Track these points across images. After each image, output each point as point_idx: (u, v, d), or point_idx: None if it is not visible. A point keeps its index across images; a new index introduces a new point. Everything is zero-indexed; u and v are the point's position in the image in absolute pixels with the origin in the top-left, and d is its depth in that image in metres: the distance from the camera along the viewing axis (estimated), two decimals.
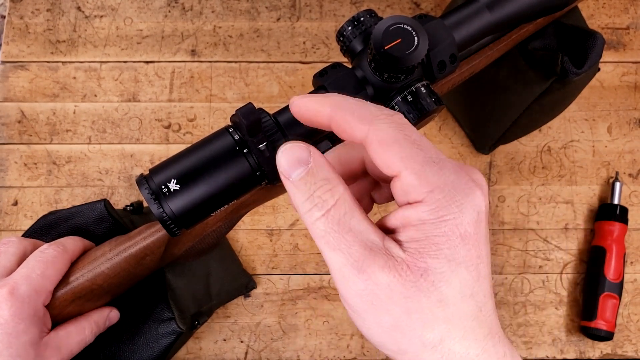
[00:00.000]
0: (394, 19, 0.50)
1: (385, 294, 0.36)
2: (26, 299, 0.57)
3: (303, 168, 0.38)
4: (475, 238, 0.36)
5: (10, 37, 0.93)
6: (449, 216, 0.35)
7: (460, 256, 0.35)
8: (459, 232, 0.35)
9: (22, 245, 0.63)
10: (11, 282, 0.58)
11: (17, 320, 0.56)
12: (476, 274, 0.36)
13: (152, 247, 0.62)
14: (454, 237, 0.35)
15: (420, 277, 0.35)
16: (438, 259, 0.35)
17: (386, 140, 0.37)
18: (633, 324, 0.87)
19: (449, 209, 0.35)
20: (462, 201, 0.36)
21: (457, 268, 0.35)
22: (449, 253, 0.35)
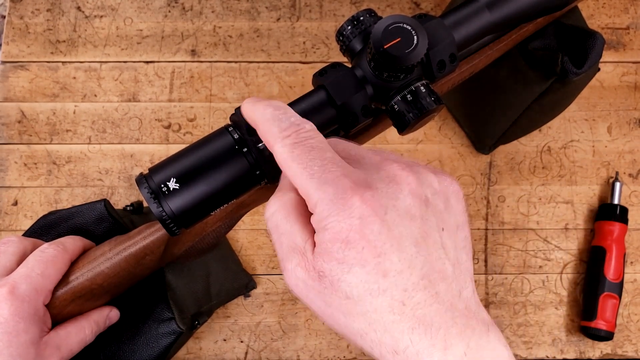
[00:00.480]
0: (394, 18, 0.50)
1: (304, 287, 0.42)
2: (26, 298, 0.57)
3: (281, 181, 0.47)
4: (365, 240, 0.39)
5: (10, 37, 0.94)
6: (328, 225, 0.40)
7: (350, 258, 0.39)
8: (341, 237, 0.39)
9: (22, 244, 0.63)
10: (11, 281, 0.58)
11: (17, 319, 0.56)
12: (380, 271, 0.39)
13: (152, 247, 0.62)
14: (338, 242, 0.39)
15: (320, 278, 0.40)
16: (329, 262, 0.40)
17: (280, 161, 0.43)
18: (633, 324, 0.87)
19: (328, 220, 0.40)
20: (340, 211, 0.40)
21: (351, 268, 0.39)
22: (337, 256, 0.39)
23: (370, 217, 0.39)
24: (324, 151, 0.42)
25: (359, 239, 0.39)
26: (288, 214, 0.44)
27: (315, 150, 0.42)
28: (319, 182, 0.41)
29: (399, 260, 0.39)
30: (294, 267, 0.42)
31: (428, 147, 0.91)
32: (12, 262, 0.61)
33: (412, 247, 0.40)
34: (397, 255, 0.39)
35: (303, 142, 0.43)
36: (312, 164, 0.41)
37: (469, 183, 0.90)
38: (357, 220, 0.39)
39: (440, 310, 0.39)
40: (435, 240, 0.41)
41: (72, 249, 0.64)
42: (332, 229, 0.40)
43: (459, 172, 0.90)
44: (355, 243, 0.39)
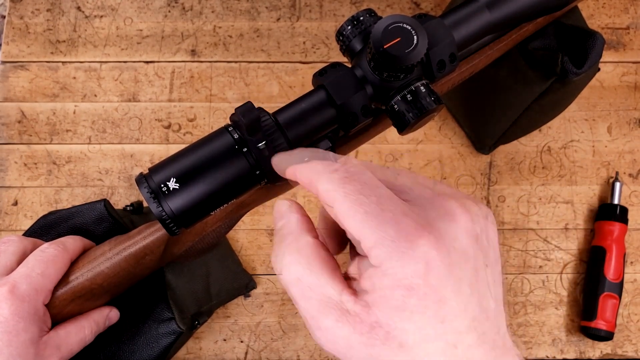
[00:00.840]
0: (393, 18, 0.50)
1: (344, 345, 0.37)
2: (26, 298, 0.57)
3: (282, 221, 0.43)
4: (428, 285, 0.36)
5: (10, 37, 0.94)
6: (390, 270, 0.36)
7: (411, 305, 0.36)
8: (404, 284, 0.36)
9: (22, 244, 0.63)
10: (11, 280, 0.58)
11: (17, 319, 0.56)
12: (438, 316, 0.36)
13: (152, 247, 0.62)
14: (399, 289, 0.36)
15: (373, 329, 0.36)
16: (386, 311, 0.36)
17: (327, 200, 0.39)
18: (633, 324, 0.87)
19: (390, 263, 0.36)
20: (403, 254, 0.36)
21: (410, 316, 0.36)
22: (397, 304, 0.36)
23: (435, 262, 0.36)
24: (377, 187, 0.39)
25: (422, 285, 0.36)
26: (309, 262, 0.40)
27: (368, 186, 0.39)
28: (377, 221, 0.37)
29: (456, 304, 0.37)
30: (333, 324, 0.38)
31: (428, 147, 0.91)
32: (12, 262, 0.61)
33: (467, 288, 0.37)
34: (455, 299, 0.37)
35: (354, 177, 0.39)
36: (368, 201, 0.38)
37: (469, 183, 0.90)
38: (422, 265, 0.36)
39: (486, 350, 0.37)
40: (483, 279, 0.39)
41: (72, 249, 0.64)
42: (394, 275, 0.36)
43: (459, 172, 0.90)
44: (418, 289, 0.36)
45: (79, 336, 0.63)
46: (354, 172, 0.39)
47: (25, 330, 0.57)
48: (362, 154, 0.90)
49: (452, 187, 0.43)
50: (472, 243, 0.39)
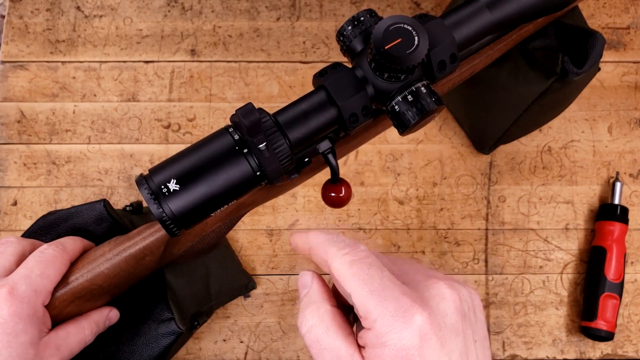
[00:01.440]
0: (394, 18, 0.50)
1: None
2: (25, 299, 0.57)
3: (305, 290, 0.48)
4: (422, 357, 0.41)
5: (10, 37, 0.93)
6: (389, 342, 0.41)
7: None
8: (402, 354, 0.41)
9: (20, 245, 0.63)
10: (10, 282, 0.58)
11: (17, 320, 0.56)
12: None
13: (152, 247, 0.62)
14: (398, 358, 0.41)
15: None
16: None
17: (338, 277, 0.44)
18: (633, 324, 0.87)
19: (389, 336, 0.41)
20: (402, 328, 0.41)
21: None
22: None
23: (429, 335, 0.41)
24: (380, 269, 0.44)
25: (417, 356, 0.40)
26: (328, 327, 0.45)
27: (372, 268, 0.44)
28: (379, 298, 0.42)
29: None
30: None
31: (428, 147, 0.91)
32: (11, 263, 0.61)
33: (458, 356, 0.42)
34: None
35: (361, 260, 0.45)
36: (372, 281, 0.43)
37: (469, 183, 0.90)
38: (417, 337, 0.41)
39: None
40: (472, 352, 0.43)
41: (71, 250, 0.64)
42: (393, 346, 0.41)
43: (459, 172, 0.90)
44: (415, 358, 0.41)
45: (79, 337, 0.63)
46: (361, 257, 0.45)
47: (25, 332, 0.57)
48: (362, 154, 0.90)
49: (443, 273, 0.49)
50: (460, 319, 0.44)
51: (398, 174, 0.90)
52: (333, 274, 0.45)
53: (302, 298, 0.48)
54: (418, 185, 0.90)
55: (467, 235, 0.89)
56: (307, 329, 0.46)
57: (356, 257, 0.45)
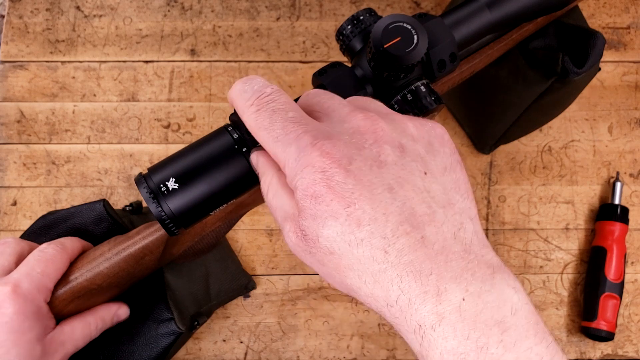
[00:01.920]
0: (394, 17, 0.50)
1: (300, 250, 0.42)
2: (29, 297, 0.57)
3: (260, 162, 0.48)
4: (332, 193, 0.39)
5: (10, 37, 0.93)
6: (297, 183, 0.40)
7: (322, 212, 0.39)
8: (309, 193, 0.39)
9: (19, 246, 0.63)
10: (13, 280, 0.58)
11: (22, 318, 0.57)
12: (352, 221, 0.38)
13: (151, 247, 0.62)
14: (308, 198, 0.39)
15: (305, 237, 0.41)
16: (306, 219, 0.40)
17: (251, 132, 0.44)
18: (634, 324, 0.87)
19: (295, 178, 0.40)
20: (303, 168, 0.40)
21: (323, 222, 0.39)
22: (311, 212, 0.39)
23: (332, 169, 0.39)
24: (285, 111, 0.42)
25: (325, 192, 0.39)
26: (276, 191, 0.44)
27: (277, 113, 0.42)
28: (283, 144, 0.41)
29: (371, 208, 0.38)
30: (287, 233, 0.42)
31: None
32: (11, 263, 0.61)
33: (386, 193, 0.39)
34: (368, 204, 0.39)
35: (264, 107, 0.43)
36: (275, 127, 0.42)
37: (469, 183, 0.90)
38: (319, 173, 0.39)
39: (429, 255, 0.38)
40: (415, 185, 0.40)
41: (71, 249, 0.64)
42: (300, 186, 0.40)
43: None
44: (323, 196, 0.39)
45: (85, 332, 0.63)
46: (266, 102, 0.43)
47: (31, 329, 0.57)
48: None
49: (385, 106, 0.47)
50: (389, 151, 0.41)
51: None
52: (248, 127, 0.44)
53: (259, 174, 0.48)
54: None
55: None
56: (267, 199, 0.46)
57: (260, 106, 0.43)
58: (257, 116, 0.43)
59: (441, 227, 0.39)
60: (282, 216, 0.43)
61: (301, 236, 0.41)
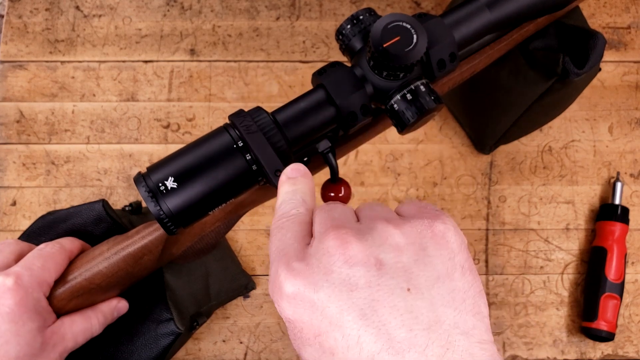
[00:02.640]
0: (393, 16, 0.50)
1: None
2: (29, 289, 0.58)
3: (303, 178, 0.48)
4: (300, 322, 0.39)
5: (9, 37, 0.93)
6: (277, 304, 0.41)
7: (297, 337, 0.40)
8: (284, 316, 0.41)
9: (18, 246, 0.64)
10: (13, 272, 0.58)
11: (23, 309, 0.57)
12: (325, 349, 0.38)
13: (150, 247, 0.62)
14: (286, 321, 0.41)
15: None
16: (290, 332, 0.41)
17: None
18: (634, 325, 0.86)
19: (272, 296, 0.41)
20: (274, 293, 0.41)
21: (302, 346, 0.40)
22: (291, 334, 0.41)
23: (299, 297, 0.39)
24: (284, 234, 0.43)
25: (296, 321, 0.39)
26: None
27: (281, 232, 0.43)
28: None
29: (342, 337, 0.37)
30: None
31: (428, 147, 0.91)
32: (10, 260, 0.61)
33: (358, 320, 0.37)
34: (340, 332, 0.37)
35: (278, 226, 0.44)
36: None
37: (469, 183, 0.90)
38: (287, 303, 0.39)
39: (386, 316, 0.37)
40: (394, 306, 0.37)
41: (69, 248, 0.64)
42: (278, 308, 0.40)
43: (460, 172, 0.90)
44: (294, 323, 0.39)
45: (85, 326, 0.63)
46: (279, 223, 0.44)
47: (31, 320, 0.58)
48: (362, 154, 0.90)
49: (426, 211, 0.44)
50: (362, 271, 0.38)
51: (398, 174, 0.90)
52: None
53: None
54: (418, 186, 0.90)
55: (468, 236, 0.88)
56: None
57: (277, 224, 0.44)
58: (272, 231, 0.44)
59: (424, 352, 0.36)
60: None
61: None
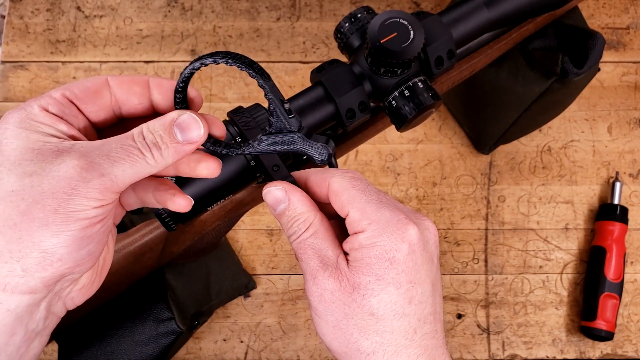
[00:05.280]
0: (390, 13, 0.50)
1: (329, 296, 0.44)
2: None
3: (283, 205, 0.46)
4: (406, 265, 0.43)
5: (10, 37, 0.94)
6: (380, 242, 0.43)
7: (389, 277, 0.43)
8: (388, 256, 0.43)
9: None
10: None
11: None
12: (407, 297, 0.43)
13: (151, 245, 0.62)
14: (383, 260, 0.43)
15: (354, 289, 0.43)
16: (369, 275, 0.43)
17: (338, 190, 0.45)
18: (633, 324, 0.87)
19: (380, 237, 0.43)
20: (393, 233, 0.43)
21: (386, 286, 0.43)
22: (378, 272, 0.43)
23: (417, 248, 0.44)
24: (376, 189, 0.46)
25: (402, 262, 0.43)
26: (317, 231, 0.46)
27: (371, 186, 0.46)
28: (377, 206, 0.44)
29: (422, 292, 0.44)
30: (325, 278, 0.44)
31: (428, 147, 0.91)
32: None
33: (430, 285, 0.45)
34: (421, 287, 0.44)
35: (360, 179, 0.46)
36: (370, 193, 0.45)
37: (469, 183, 0.90)
38: (406, 245, 0.43)
39: (437, 345, 0.45)
40: (438, 286, 0.46)
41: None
42: (382, 247, 0.43)
43: (459, 172, 0.90)
44: (397, 265, 0.43)
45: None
46: (358, 177, 0.46)
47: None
48: (362, 154, 0.90)
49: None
50: (435, 254, 0.46)
51: (398, 173, 0.90)
52: (332, 189, 0.46)
53: (282, 211, 0.47)
54: (418, 185, 0.90)
55: (467, 235, 0.89)
56: (297, 237, 0.46)
57: (356, 177, 0.46)
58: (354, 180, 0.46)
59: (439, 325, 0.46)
60: (320, 259, 0.45)
61: (347, 287, 0.44)
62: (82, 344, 0.72)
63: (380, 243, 0.43)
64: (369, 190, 0.45)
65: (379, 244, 0.43)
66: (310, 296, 0.45)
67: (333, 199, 0.46)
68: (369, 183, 0.47)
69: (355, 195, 0.45)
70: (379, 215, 0.44)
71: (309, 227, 0.46)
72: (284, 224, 0.47)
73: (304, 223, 0.46)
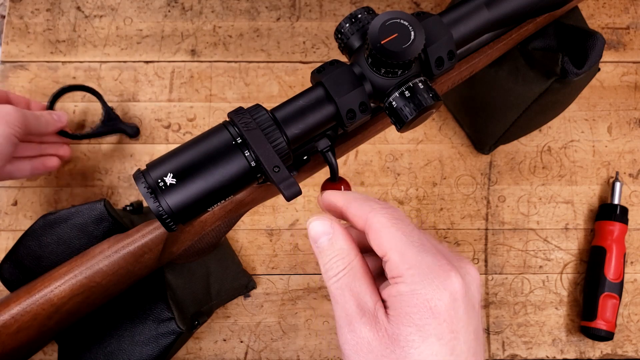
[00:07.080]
0: (390, 14, 0.50)
1: (366, 348, 0.43)
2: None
3: (326, 237, 0.47)
4: (448, 314, 0.41)
5: (10, 37, 0.94)
6: (420, 290, 0.41)
7: (431, 327, 0.41)
8: (429, 305, 0.41)
9: None
10: None
11: None
12: (449, 348, 0.41)
13: (151, 245, 0.62)
14: (424, 310, 0.41)
15: (393, 342, 0.42)
16: (409, 326, 0.41)
17: (378, 227, 0.45)
18: (633, 324, 0.87)
19: (421, 284, 0.42)
20: (434, 280, 0.42)
21: (427, 338, 0.41)
22: (419, 323, 0.41)
23: (459, 296, 0.42)
24: (419, 230, 0.45)
25: (443, 312, 0.41)
26: (356, 274, 0.45)
27: (412, 226, 0.45)
28: (418, 249, 0.43)
29: (464, 342, 0.42)
30: (362, 325, 0.43)
31: (428, 147, 0.91)
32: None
33: (472, 334, 0.43)
34: (464, 337, 0.42)
35: (402, 218, 0.45)
36: (412, 235, 0.44)
37: (469, 183, 0.90)
38: (448, 294, 0.42)
39: None
40: (479, 332, 0.44)
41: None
42: (422, 295, 0.41)
43: (459, 172, 0.90)
44: (439, 315, 0.41)
45: None
46: (402, 216, 0.46)
47: None
48: (362, 154, 0.90)
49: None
50: (477, 300, 0.45)
51: (398, 174, 0.90)
52: (371, 226, 0.45)
53: (324, 245, 0.47)
54: (418, 185, 0.90)
55: (467, 235, 0.89)
56: (334, 274, 0.46)
57: (397, 215, 0.45)
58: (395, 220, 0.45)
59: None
60: (357, 305, 0.44)
61: (385, 339, 0.42)
62: (82, 344, 0.72)
63: (420, 291, 0.42)
64: (411, 231, 0.44)
65: (419, 292, 0.42)
66: (345, 344, 0.44)
67: (371, 235, 0.45)
68: (410, 222, 0.46)
69: (395, 235, 0.44)
70: (419, 260, 0.43)
71: (347, 265, 0.45)
72: (324, 257, 0.47)
73: (343, 260, 0.46)
